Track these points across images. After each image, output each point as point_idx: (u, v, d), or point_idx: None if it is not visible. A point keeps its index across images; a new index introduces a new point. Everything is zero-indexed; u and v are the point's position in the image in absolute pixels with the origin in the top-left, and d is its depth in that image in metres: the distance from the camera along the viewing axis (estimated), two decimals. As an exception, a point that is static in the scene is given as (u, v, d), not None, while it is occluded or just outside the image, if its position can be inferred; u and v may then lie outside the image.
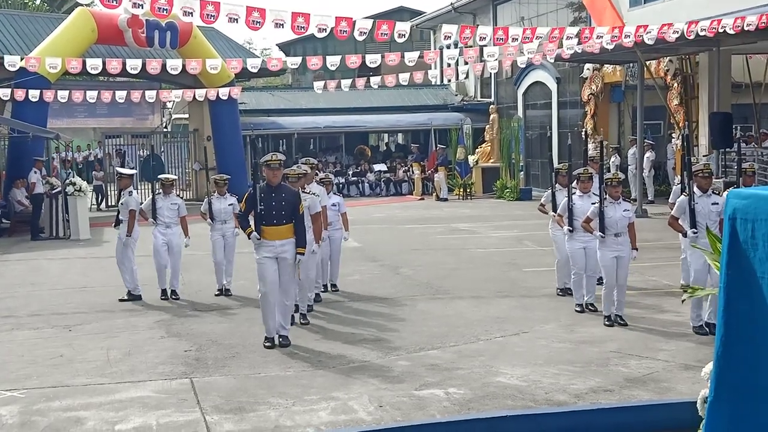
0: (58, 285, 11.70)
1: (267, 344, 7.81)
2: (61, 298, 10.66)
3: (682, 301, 4.33)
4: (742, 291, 3.35)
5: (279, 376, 6.91)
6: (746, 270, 3.27)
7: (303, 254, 7.95)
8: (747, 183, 8.75)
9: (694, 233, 8.01)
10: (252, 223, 7.90)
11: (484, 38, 12.81)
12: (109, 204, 23.24)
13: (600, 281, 9.32)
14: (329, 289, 10.51)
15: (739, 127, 20.29)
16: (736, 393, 3.73)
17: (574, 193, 9.12)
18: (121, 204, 10.39)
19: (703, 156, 17.18)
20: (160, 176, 10.88)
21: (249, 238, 7.92)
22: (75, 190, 17.13)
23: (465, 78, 28.13)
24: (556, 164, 10.91)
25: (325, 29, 10.87)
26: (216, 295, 10.49)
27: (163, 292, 10.40)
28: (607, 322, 8.40)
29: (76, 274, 12.73)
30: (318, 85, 18.90)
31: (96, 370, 7.24)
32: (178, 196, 11.06)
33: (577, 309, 9.06)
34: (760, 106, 20.19)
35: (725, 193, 8.58)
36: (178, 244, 10.41)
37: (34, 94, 17.56)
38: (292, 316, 8.39)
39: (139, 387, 6.68)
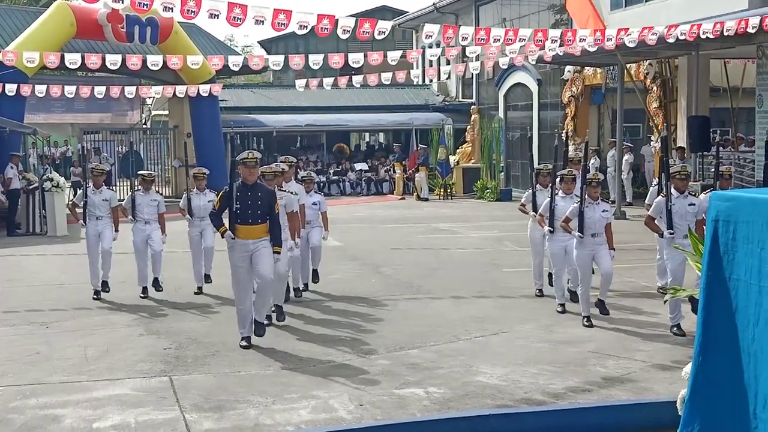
0: (34, 281, 11.58)
1: (243, 344, 7.77)
2: (38, 294, 10.54)
3: (665, 302, 4.39)
4: (722, 292, 3.40)
5: (259, 375, 6.89)
6: (726, 271, 3.32)
7: (279, 253, 7.91)
8: (723, 186, 8.86)
9: (671, 234, 8.10)
10: (226, 221, 7.85)
11: (466, 38, 12.84)
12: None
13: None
14: (311, 280, 10.46)
15: (718, 131, 20.53)
16: (712, 392, 3.79)
17: (557, 193, 9.17)
18: (104, 201, 10.27)
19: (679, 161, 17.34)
20: (140, 172, 10.79)
21: (222, 237, 7.88)
22: (52, 185, 16.97)
23: (447, 78, 28.18)
24: (536, 165, 10.95)
25: (306, 26, 10.83)
26: (195, 293, 10.43)
27: (144, 290, 10.32)
28: (586, 323, 8.46)
29: (53, 270, 12.60)
30: (300, 83, 18.82)
31: (73, 367, 7.18)
32: (158, 192, 10.97)
33: (559, 309, 9.09)
34: (737, 111, 20.44)
35: (702, 195, 8.70)
36: (158, 240, 10.33)
37: (11, 89, 17.30)
38: (269, 316, 8.35)
39: (118, 385, 6.63)
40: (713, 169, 9.40)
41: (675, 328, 8.04)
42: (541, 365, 7.03)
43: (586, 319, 8.49)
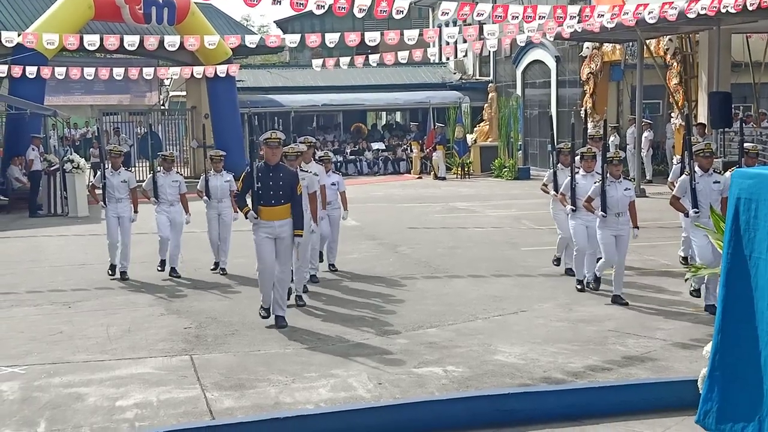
0: (57, 262, 11.71)
1: (263, 314, 7.82)
2: (61, 274, 10.67)
3: (685, 279, 4.36)
4: (743, 270, 3.37)
5: (278, 354, 6.94)
6: (747, 249, 3.29)
7: (301, 236, 7.91)
8: (749, 164, 8.68)
9: (696, 213, 8.02)
10: (249, 202, 7.86)
11: (482, 14, 12.72)
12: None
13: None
14: (329, 268, 10.50)
15: (741, 107, 20.27)
16: (731, 369, 3.78)
17: (578, 172, 9.10)
18: (123, 182, 10.32)
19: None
20: (161, 153, 10.81)
21: (246, 218, 7.90)
22: (73, 167, 17.11)
23: (464, 56, 28.02)
24: (556, 143, 10.85)
25: (324, 6, 10.80)
26: (212, 270, 10.49)
27: (162, 262, 10.39)
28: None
29: (75, 250, 12.74)
30: (316, 62, 18.81)
31: (96, 346, 7.27)
32: (178, 173, 11.01)
33: (578, 287, 9.06)
34: (759, 86, 20.15)
35: (726, 173, 8.58)
36: (180, 222, 10.39)
37: (31, 71, 17.46)
38: (288, 296, 8.38)
39: (140, 363, 6.71)
40: (738, 146, 9.26)
41: (695, 292, 8.28)
42: (560, 344, 7.02)
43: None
